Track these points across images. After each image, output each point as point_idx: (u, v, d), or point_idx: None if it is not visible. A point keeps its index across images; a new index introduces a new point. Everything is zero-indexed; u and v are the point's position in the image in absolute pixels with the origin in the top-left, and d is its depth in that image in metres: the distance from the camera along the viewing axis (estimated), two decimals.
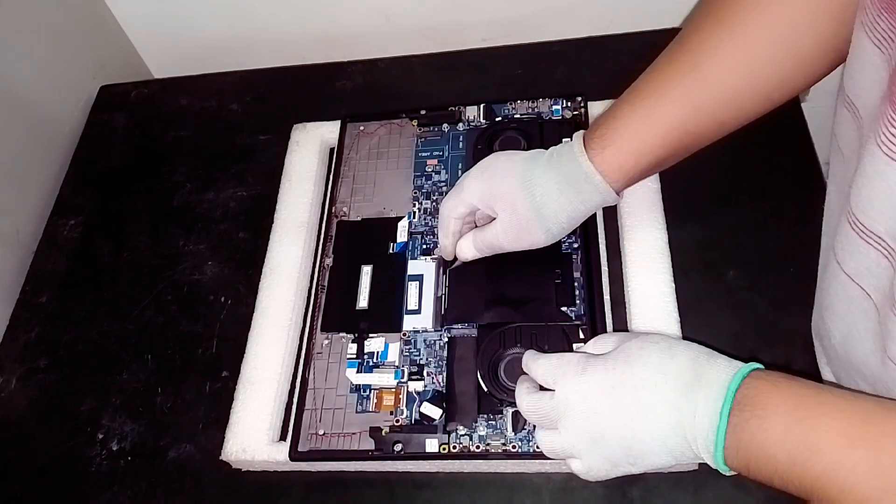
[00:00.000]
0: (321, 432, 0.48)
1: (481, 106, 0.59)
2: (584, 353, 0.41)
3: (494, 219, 0.48)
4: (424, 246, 0.54)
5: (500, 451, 0.45)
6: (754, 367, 0.36)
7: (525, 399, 0.41)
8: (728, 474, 0.36)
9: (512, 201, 0.46)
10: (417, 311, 0.51)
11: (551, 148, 0.47)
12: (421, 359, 0.49)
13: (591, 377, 0.39)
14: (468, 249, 0.50)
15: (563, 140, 0.50)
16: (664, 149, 0.43)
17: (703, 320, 0.50)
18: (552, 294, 0.49)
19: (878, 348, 0.41)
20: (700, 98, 0.42)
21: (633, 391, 0.37)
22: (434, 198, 0.56)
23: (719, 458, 0.35)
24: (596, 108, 0.58)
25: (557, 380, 0.40)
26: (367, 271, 0.53)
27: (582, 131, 0.46)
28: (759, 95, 0.42)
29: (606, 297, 0.51)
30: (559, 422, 0.40)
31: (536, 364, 0.42)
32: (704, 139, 0.44)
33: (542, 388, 0.42)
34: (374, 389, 0.49)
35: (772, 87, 0.42)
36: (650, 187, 0.54)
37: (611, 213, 0.55)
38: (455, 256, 0.51)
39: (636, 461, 0.38)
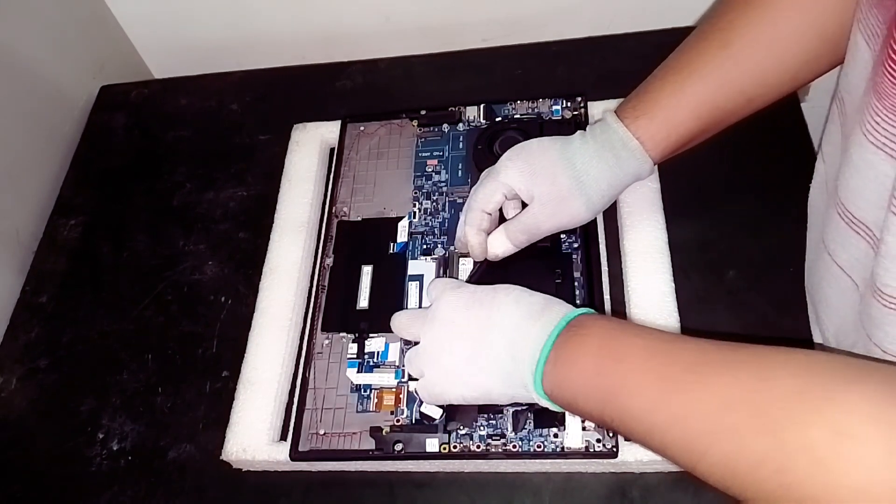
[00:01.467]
0: (322, 432, 0.48)
1: (481, 106, 0.59)
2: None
3: (526, 206, 0.47)
4: (424, 246, 0.54)
5: (500, 450, 0.45)
6: (591, 311, 0.40)
7: (398, 315, 0.46)
8: (540, 400, 0.39)
9: (552, 173, 0.46)
10: None
11: (585, 130, 0.48)
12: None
13: (460, 292, 0.43)
14: (501, 244, 0.48)
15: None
16: (695, 122, 0.45)
17: (703, 320, 0.50)
18: (552, 294, 0.49)
19: (862, 337, 0.41)
20: (730, 75, 0.44)
21: (489, 310, 0.41)
22: (434, 198, 0.56)
23: (538, 376, 0.38)
24: (596, 108, 0.58)
25: (437, 296, 0.44)
26: (367, 271, 0.53)
27: (610, 111, 0.47)
28: (787, 74, 0.44)
29: (606, 297, 0.51)
30: (422, 330, 0.44)
31: (430, 285, 0.47)
32: (733, 115, 0.46)
33: None
34: (375, 389, 0.49)
35: (798, 65, 0.43)
36: (650, 187, 0.54)
37: (611, 213, 0.55)
38: (483, 258, 0.49)
39: (468, 380, 0.41)
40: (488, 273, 0.50)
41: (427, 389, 0.43)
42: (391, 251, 0.54)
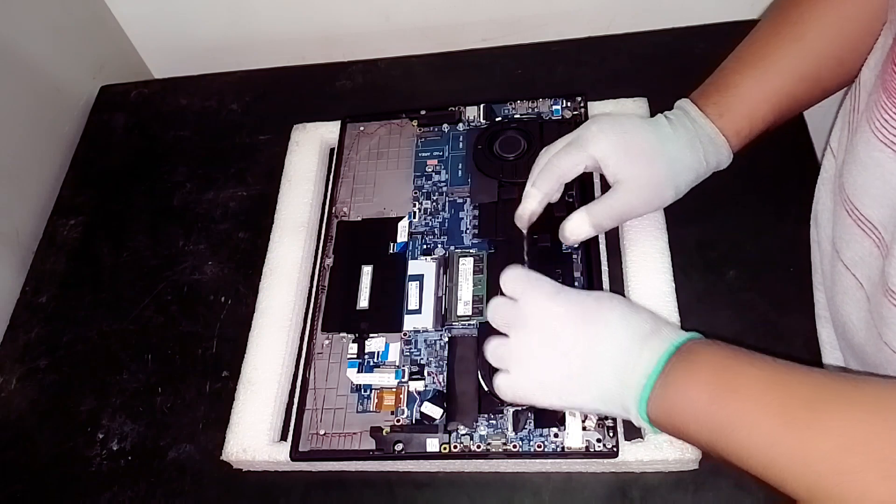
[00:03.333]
0: (322, 432, 0.48)
1: (481, 106, 0.59)
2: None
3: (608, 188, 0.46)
4: (424, 246, 0.54)
5: (500, 450, 0.45)
6: (700, 335, 0.39)
7: (497, 301, 0.42)
8: (643, 424, 0.38)
9: (649, 156, 0.45)
10: (418, 311, 0.51)
11: (661, 114, 0.48)
12: (421, 359, 0.49)
13: (563, 300, 0.40)
14: (581, 226, 0.46)
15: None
16: (773, 114, 0.46)
17: (703, 320, 0.50)
18: None
19: (872, 336, 0.41)
20: (806, 67, 0.45)
21: (597, 326, 0.39)
22: (434, 198, 0.56)
23: (643, 402, 0.37)
24: (596, 108, 0.58)
25: (526, 291, 0.41)
26: (367, 271, 0.53)
27: (684, 99, 0.47)
28: (856, 56, 0.44)
29: None
30: (512, 328, 0.41)
31: (509, 273, 0.42)
32: (809, 104, 0.47)
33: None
34: (375, 389, 0.49)
35: (864, 45, 0.43)
36: None
37: None
38: (527, 228, 0.48)
39: (564, 394, 0.39)
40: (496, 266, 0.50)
41: (513, 389, 0.41)
42: (391, 251, 0.54)
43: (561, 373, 0.39)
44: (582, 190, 0.52)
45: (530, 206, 0.47)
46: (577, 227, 0.46)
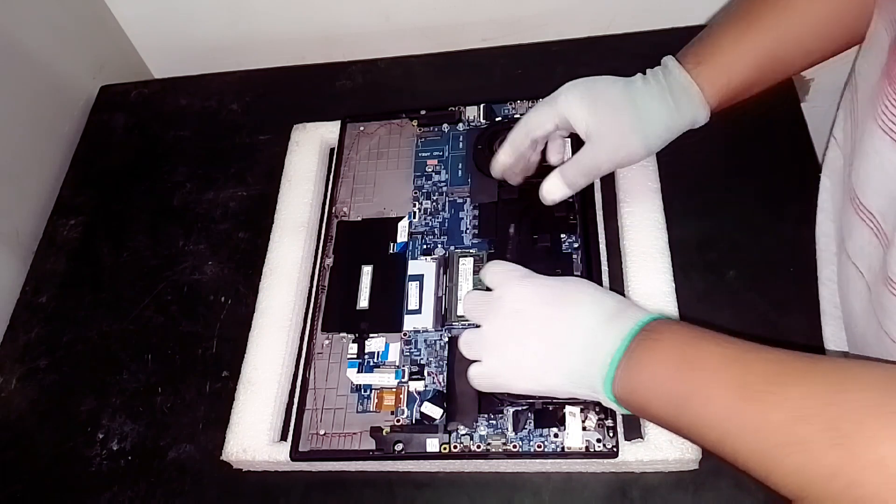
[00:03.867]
0: (322, 432, 0.48)
1: (481, 106, 0.59)
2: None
3: (579, 147, 0.47)
4: (424, 246, 0.54)
5: (500, 450, 0.45)
6: (666, 315, 0.39)
7: (470, 294, 0.44)
8: (610, 403, 0.38)
9: (614, 107, 0.46)
10: (418, 311, 0.51)
11: (644, 73, 0.48)
12: (421, 359, 0.49)
13: (530, 284, 0.42)
14: (558, 188, 0.48)
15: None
16: (754, 72, 0.45)
17: (703, 320, 0.50)
18: None
19: (873, 326, 0.42)
20: (789, 26, 0.45)
21: (565, 308, 0.40)
22: (434, 198, 0.56)
23: (609, 381, 0.37)
24: None
25: (500, 281, 0.43)
26: (367, 271, 0.53)
27: (671, 56, 0.47)
28: (844, 28, 0.44)
29: None
30: (485, 318, 0.42)
31: (489, 267, 0.44)
32: (791, 68, 0.47)
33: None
34: (375, 389, 0.49)
35: (854, 17, 0.43)
36: (650, 187, 0.54)
37: (611, 213, 0.55)
38: (501, 177, 0.50)
39: (536, 375, 0.40)
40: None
41: (487, 377, 0.42)
42: (391, 251, 0.54)
43: (533, 355, 0.40)
44: (581, 194, 0.52)
45: (501, 159, 0.50)
46: (552, 188, 0.48)
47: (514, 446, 0.45)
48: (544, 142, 0.51)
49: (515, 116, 0.58)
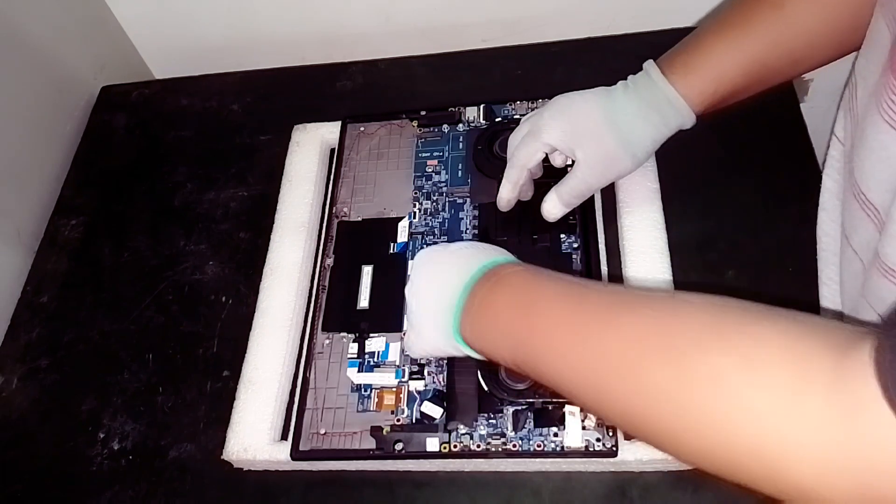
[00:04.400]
0: (322, 432, 0.48)
1: (481, 106, 0.59)
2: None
3: (567, 166, 0.48)
4: (425, 246, 0.54)
5: (500, 449, 0.45)
6: (512, 259, 0.41)
7: None
8: (463, 348, 0.40)
9: (598, 134, 0.46)
10: None
11: (623, 81, 0.48)
12: (421, 358, 0.49)
13: (419, 258, 0.46)
14: (555, 207, 0.50)
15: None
16: (742, 79, 0.46)
17: None
18: None
19: (874, 319, 0.42)
20: (780, 35, 0.45)
21: (430, 266, 0.44)
22: (434, 198, 0.56)
23: (456, 324, 0.39)
24: None
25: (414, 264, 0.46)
26: (367, 271, 0.53)
27: (651, 60, 0.47)
28: (835, 38, 0.44)
29: None
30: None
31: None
32: (779, 75, 0.47)
33: None
34: (375, 389, 0.49)
35: (847, 30, 0.44)
36: (650, 187, 0.54)
37: (611, 213, 0.55)
38: (507, 208, 0.52)
39: (425, 334, 0.43)
40: None
41: (408, 346, 0.47)
42: (391, 251, 0.54)
43: (419, 315, 0.43)
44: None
45: (505, 195, 0.51)
46: (552, 208, 0.50)
47: (514, 445, 0.45)
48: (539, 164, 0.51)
49: (515, 117, 0.58)
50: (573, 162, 0.48)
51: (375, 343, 0.50)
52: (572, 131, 0.47)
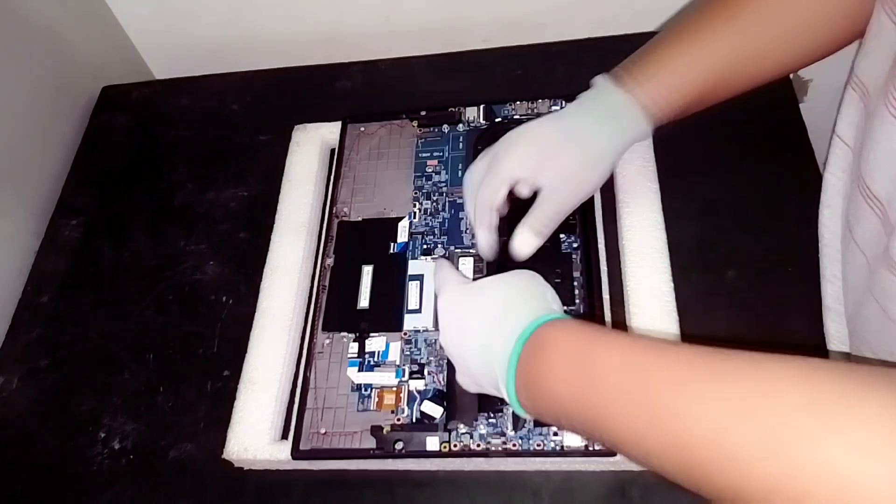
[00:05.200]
0: (322, 431, 0.48)
1: (481, 106, 0.59)
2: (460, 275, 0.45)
3: (534, 193, 0.46)
4: (425, 246, 0.54)
5: (500, 449, 0.45)
6: (558, 315, 0.38)
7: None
8: (525, 415, 0.38)
9: (559, 154, 0.45)
10: (418, 311, 0.51)
11: (576, 98, 0.48)
12: (422, 358, 0.49)
13: (451, 292, 0.43)
14: (528, 241, 0.46)
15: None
16: (696, 92, 0.45)
17: (703, 320, 0.50)
18: None
19: (877, 313, 0.42)
20: (738, 45, 0.45)
21: (462, 316, 0.41)
22: (434, 198, 0.56)
23: (511, 393, 0.37)
24: None
25: (439, 289, 0.44)
26: (367, 271, 0.53)
27: (603, 74, 0.47)
28: (788, 55, 0.45)
29: (606, 296, 0.51)
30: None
31: (435, 267, 0.47)
32: (732, 90, 0.46)
33: None
34: (376, 388, 0.49)
35: (801, 48, 0.44)
36: (650, 187, 0.54)
37: (611, 213, 0.55)
38: (498, 256, 0.49)
39: (465, 375, 0.42)
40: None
41: (459, 381, 0.44)
42: (391, 251, 0.54)
43: (456, 358, 0.42)
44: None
45: (485, 242, 0.49)
46: (523, 244, 0.47)
47: (514, 445, 0.45)
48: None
49: (515, 117, 0.58)
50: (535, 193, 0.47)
51: (375, 343, 0.50)
52: (534, 159, 0.45)
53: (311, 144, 0.63)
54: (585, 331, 0.35)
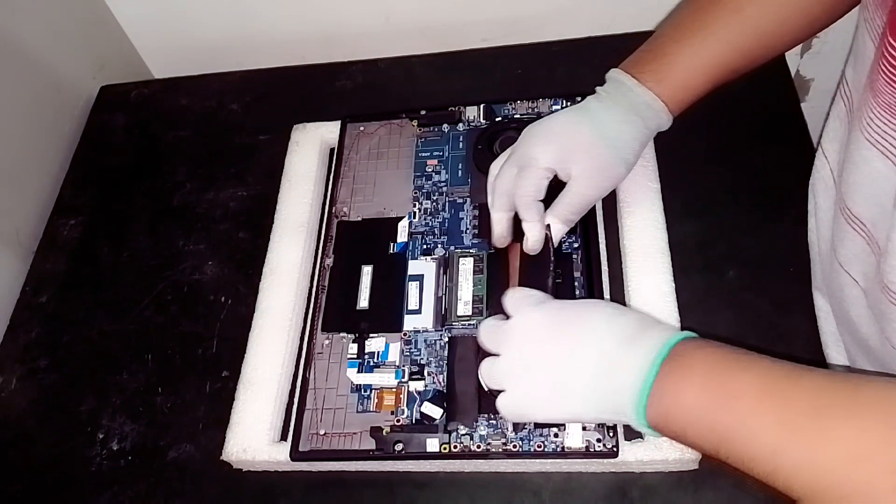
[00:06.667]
0: (322, 432, 0.48)
1: (481, 106, 0.59)
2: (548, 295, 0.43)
3: (561, 183, 0.47)
4: (424, 246, 0.54)
5: (500, 450, 0.45)
6: (692, 334, 0.38)
7: (485, 322, 0.43)
8: (643, 429, 0.37)
9: (588, 148, 0.47)
10: (418, 311, 0.51)
11: (592, 95, 0.49)
12: (421, 358, 0.49)
13: (545, 309, 0.41)
14: (557, 230, 0.48)
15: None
16: (709, 83, 0.47)
17: (703, 320, 0.50)
18: (552, 294, 0.49)
19: (875, 332, 0.42)
20: (741, 39, 0.46)
21: (579, 331, 0.39)
22: (434, 198, 0.56)
23: (641, 408, 0.36)
24: None
25: (517, 308, 0.41)
26: (367, 271, 0.53)
27: (616, 69, 0.48)
28: (789, 36, 0.47)
29: (606, 296, 0.51)
30: (501, 346, 0.41)
31: (508, 294, 0.43)
32: (738, 74, 0.48)
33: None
34: (375, 389, 0.49)
35: (800, 28, 0.46)
36: (650, 187, 0.54)
37: (611, 213, 0.55)
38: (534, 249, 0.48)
39: (559, 403, 0.39)
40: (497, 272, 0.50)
41: (510, 408, 0.41)
42: (391, 251, 0.54)
43: (551, 383, 0.39)
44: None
45: (500, 232, 0.49)
46: (556, 232, 0.48)
47: (514, 446, 0.45)
48: None
49: (516, 116, 0.58)
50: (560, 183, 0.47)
51: (375, 343, 0.50)
52: (564, 150, 0.47)
53: (310, 144, 0.62)
54: (722, 348, 0.36)
